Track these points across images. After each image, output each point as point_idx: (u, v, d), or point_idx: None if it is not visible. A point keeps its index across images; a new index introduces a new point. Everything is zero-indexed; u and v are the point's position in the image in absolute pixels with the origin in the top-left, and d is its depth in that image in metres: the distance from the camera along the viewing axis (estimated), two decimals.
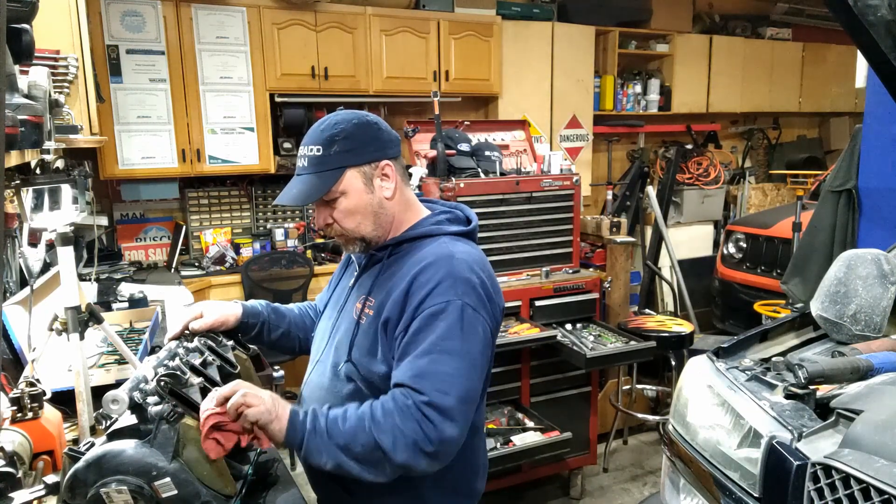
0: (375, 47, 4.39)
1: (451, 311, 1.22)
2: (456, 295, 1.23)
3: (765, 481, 1.44)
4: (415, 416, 1.16)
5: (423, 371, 1.19)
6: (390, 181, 1.34)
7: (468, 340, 1.22)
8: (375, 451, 1.16)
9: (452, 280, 1.24)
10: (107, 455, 1.13)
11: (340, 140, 1.29)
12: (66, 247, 1.73)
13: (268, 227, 4.59)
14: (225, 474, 1.21)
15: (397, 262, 1.34)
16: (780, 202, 6.03)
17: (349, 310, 1.40)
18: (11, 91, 1.31)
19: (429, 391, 1.17)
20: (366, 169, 1.31)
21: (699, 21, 6.10)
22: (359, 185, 1.31)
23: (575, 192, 3.22)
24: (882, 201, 2.80)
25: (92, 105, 2.65)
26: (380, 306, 1.31)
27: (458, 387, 1.19)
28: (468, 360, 1.22)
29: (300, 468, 1.50)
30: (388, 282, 1.32)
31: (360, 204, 1.32)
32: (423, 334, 1.21)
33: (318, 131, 1.32)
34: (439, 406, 1.17)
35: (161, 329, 2.62)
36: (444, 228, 1.37)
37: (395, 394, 1.20)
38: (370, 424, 1.16)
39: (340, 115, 1.34)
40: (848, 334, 1.89)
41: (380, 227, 1.35)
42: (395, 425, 1.16)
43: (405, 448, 1.15)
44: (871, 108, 2.87)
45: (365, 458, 1.17)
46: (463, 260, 1.28)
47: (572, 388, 3.25)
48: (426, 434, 1.15)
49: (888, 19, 1.87)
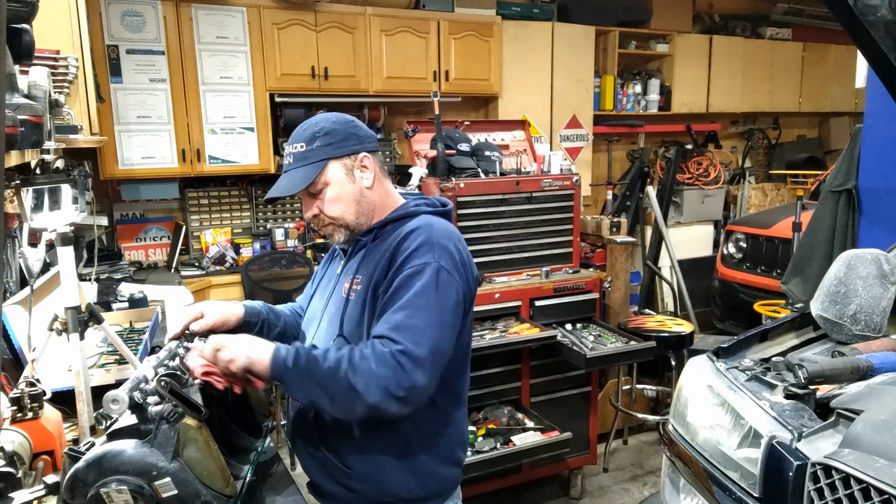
0: (375, 47, 4.39)
1: (428, 272, 1.33)
2: (433, 258, 1.34)
3: (765, 481, 1.44)
4: (389, 363, 1.24)
5: (399, 324, 1.28)
6: (369, 172, 1.46)
7: (441, 299, 1.33)
8: (350, 392, 1.24)
9: (430, 245, 1.36)
10: (107, 455, 1.13)
11: (321, 136, 1.42)
12: (66, 247, 1.73)
13: (268, 227, 4.60)
14: (225, 474, 1.21)
15: (381, 243, 1.45)
16: (780, 202, 6.03)
17: (338, 292, 1.49)
18: (11, 91, 1.31)
19: (403, 341, 1.26)
20: (346, 161, 1.44)
21: (699, 21, 6.10)
22: (341, 176, 1.43)
23: (575, 192, 3.22)
24: (882, 201, 2.80)
25: (92, 105, 2.65)
26: (367, 279, 1.41)
27: (431, 340, 1.29)
28: (441, 317, 1.32)
29: (300, 468, 1.50)
30: (373, 258, 1.43)
31: (343, 192, 1.43)
32: (401, 292, 1.32)
33: (300, 131, 1.46)
34: (413, 355, 1.25)
35: (161, 329, 2.62)
36: (422, 209, 1.50)
37: (373, 342, 1.29)
38: (347, 367, 1.25)
39: (321, 116, 1.48)
40: (848, 334, 1.89)
41: (362, 214, 1.46)
42: (370, 369, 1.24)
43: (378, 391, 1.24)
44: (871, 108, 2.87)
45: (339, 398, 1.26)
46: (442, 229, 1.42)
47: (572, 388, 3.24)
48: (398, 380, 1.24)
49: (888, 19, 1.87)
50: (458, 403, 1.52)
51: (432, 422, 1.45)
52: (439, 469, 1.47)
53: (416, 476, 1.44)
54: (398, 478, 1.42)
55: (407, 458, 1.42)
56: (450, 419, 1.48)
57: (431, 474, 1.46)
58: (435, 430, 1.45)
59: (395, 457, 1.41)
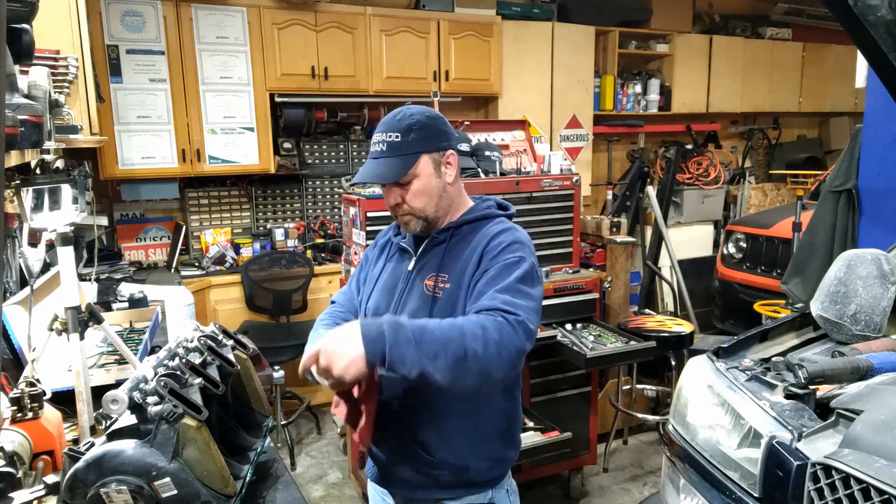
0: (375, 47, 4.39)
1: (525, 265, 1.40)
2: (526, 254, 1.43)
3: (765, 481, 1.44)
4: (505, 329, 1.26)
5: (510, 301, 1.32)
6: (453, 168, 1.52)
7: (537, 289, 1.41)
8: (467, 358, 1.22)
9: (521, 244, 1.45)
10: (107, 455, 1.13)
11: (417, 129, 1.46)
12: (66, 247, 1.73)
13: (268, 227, 4.59)
14: (225, 474, 1.21)
15: (461, 242, 1.51)
16: (780, 202, 6.03)
17: (416, 289, 1.51)
18: (11, 91, 1.31)
19: (519, 312, 1.30)
20: (436, 156, 1.48)
21: (699, 21, 6.10)
22: (429, 170, 1.47)
23: (575, 192, 3.22)
24: (882, 201, 2.80)
25: (92, 105, 2.65)
26: (458, 277, 1.45)
27: (532, 321, 1.34)
28: (537, 304, 1.39)
29: (300, 468, 1.50)
30: (458, 256, 1.48)
31: (429, 186, 1.48)
32: (502, 275, 1.38)
33: (395, 120, 1.47)
34: (526, 324, 1.30)
35: (161, 329, 2.62)
36: (495, 212, 1.57)
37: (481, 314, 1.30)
38: (462, 335, 1.23)
39: (414, 108, 1.50)
40: (848, 334, 1.89)
41: (440, 208, 1.52)
42: (486, 334, 1.24)
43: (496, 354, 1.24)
44: (871, 108, 2.87)
45: (454, 366, 1.21)
46: (523, 234, 1.51)
47: (572, 388, 3.24)
48: (516, 344, 1.27)
49: (888, 19, 1.87)
50: (519, 389, 1.61)
51: (504, 409, 1.54)
52: (506, 452, 1.56)
53: (490, 461, 1.52)
54: (475, 464, 1.49)
55: (484, 445, 1.50)
56: (515, 401, 1.58)
57: (501, 458, 1.54)
58: (506, 416, 1.55)
59: (475, 444, 1.49)
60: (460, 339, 1.22)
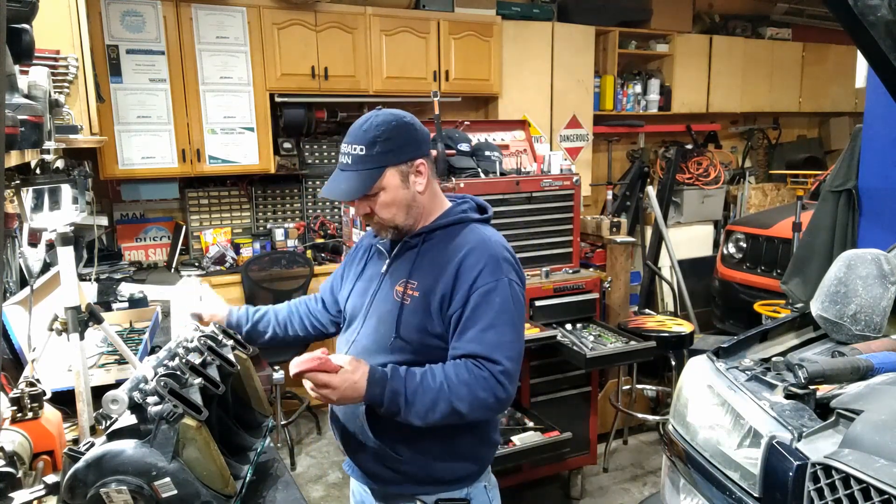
0: (375, 47, 4.39)
1: (501, 287, 1.42)
2: (502, 273, 1.43)
3: (765, 481, 1.44)
4: (490, 385, 1.36)
5: (493, 343, 1.38)
6: (423, 177, 1.49)
7: (517, 310, 1.44)
8: (452, 414, 1.36)
9: (495, 262, 1.44)
10: (107, 455, 1.13)
11: (382, 141, 1.42)
12: (66, 247, 1.73)
13: (268, 227, 4.59)
14: (225, 474, 1.21)
15: (433, 248, 1.50)
16: (780, 202, 6.03)
17: (386, 293, 1.53)
18: (11, 91, 1.31)
19: (502, 360, 1.37)
20: (403, 168, 1.45)
21: (699, 21, 6.10)
22: (396, 182, 1.45)
23: (575, 192, 3.22)
24: (882, 201, 2.80)
25: (92, 105, 2.65)
26: (428, 288, 1.45)
27: (517, 351, 1.42)
28: (519, 327, 1.45)
29: (300, 468, 1.51)
30: (430, 265, 1.47)
31: (397, 198, 1.46)
32: (481, 309, 1.40)
33: (360, 131, 1.44)
34: (510, 372, 1.38)
35: (161, 329, 2.62)
36: (469, 216, 1.54)
37: (468, 365, 1.38)
38: (449, 395, 1.35)
39: (381, 117, 1.45)
40: (848, 334, 1.89)
41: (411, 217, 1.50)
42: (473, 395, 1.35)
43: (480, 409, 1.38)
44: (871, 108, 2.87)
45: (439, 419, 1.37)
46: (496, 242, 1.49)
47: (572, 388, 3.24)
48: (498, 398, 1.37)
49: (888, 19, 1.87)
50: None
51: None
52: (478, 451, 1.57)
53: (460, 459, 1.53)
54: (444, 464, 1.51)
55: (452, 444, 1.51)
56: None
57: (472, 456, 1.55)
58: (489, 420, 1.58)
59: (442, 443, 1.49)
60: (447, 401, 1.35)
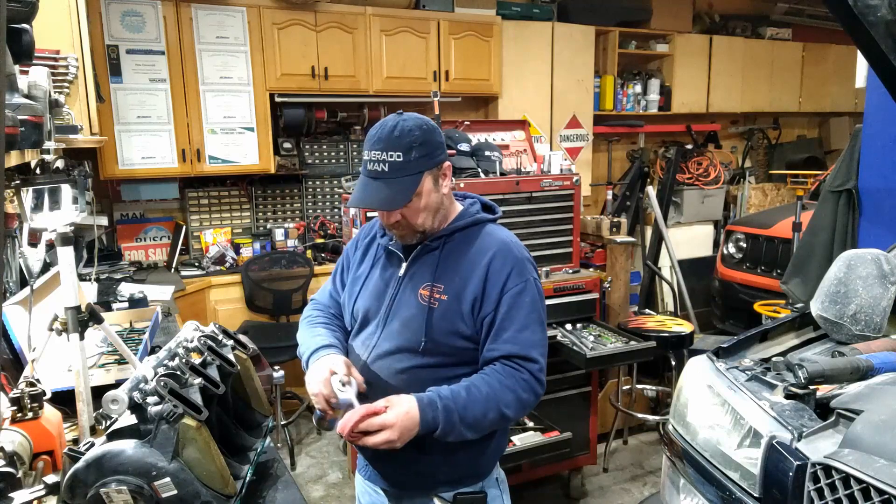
0: (375, 47, 4.39)
1: (529, 288, 1.47)
2: (528, 273, 1.49)
3: (765, 481, 1.44)
4: (531, 385, 1.43)
5: (528, 342, 1.44)
6: (447, 179, 1.50)
7: (543, 307, 1.51)
8: (502, 420, 1.42)
9: (521, 263, 1.49)
10: (107, 455, 1.13)
11: (417, 146, 1.40)
12: (66, 247, 1.73)
13: (268, 227, 4.59)
14: (225, 474, 1.21)
15: (455, 251, 1.51)
16: (780, 202, 6.03)
17: (408, 297, 1.50)
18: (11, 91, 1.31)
19: (538, 358, 1.45)
20: (435, 171, 1.46)
21: (699, 21, 6.10)
22: (430, 187, 1.45)
23: (575, 192, 3.22)
24: (882, 201, 2.80)
25: (92, 105, 2.65)
26: (457, 291, 1.46)
27: (546, 346, 1.50)
28: (545, 322, 1.51)
29: (300, 468, 1.51)
30: (455, 268, 1.48)
31: (430, 203, 1.46)
32: (514, 311, 1.45)
33: (393, 137, 1.39)
34: (545, 368, 1.46)
35: (161, 329, 2.62)
36: (482, 217, 1.57)
37: (506, 369, 1.43)
38: (497, 403, 1.40)
39: (411, 122, 1.42)
40: (848, 334, 1.89)
41: (437, 220, 1.51)
42: (518, 398, 1.42)
43: (524, 410, 1.45)
44: (871, 108, 2.87)
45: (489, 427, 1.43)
46: (516, 244, 1.54)
47: (572, 388, 3.24)
48: (537, 394, 1.45)
49: (888, 19, 1.87)
50: None
51: None
52: (498, 443, 1.59)
53: (481, 454, 1.54)
54: (465, 458, 1.51)
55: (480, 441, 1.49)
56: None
57: (493, 448, 1.57)
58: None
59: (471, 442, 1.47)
60: (496, 409, 1.40)
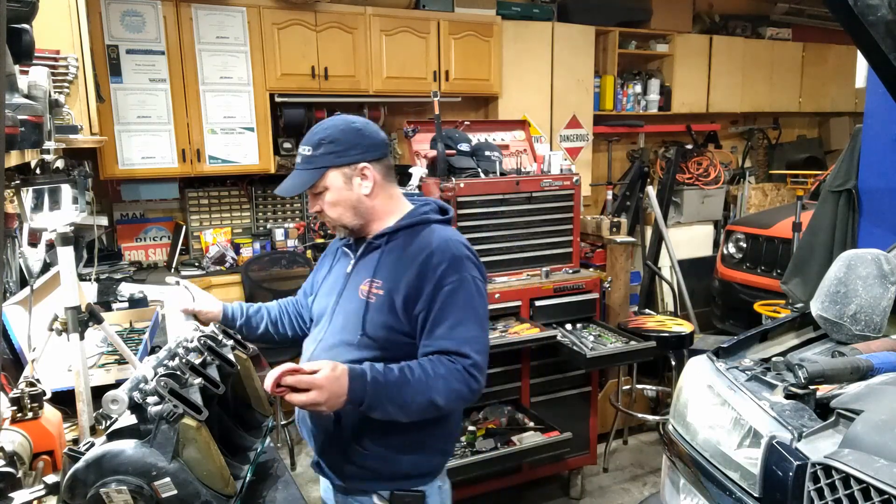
0: (375, 47, 4.39)
1: (465, 285, 1.48)
2: (466, 270, 1.50)
3: (765, 481, 1.44)
4: (464, 378, 1.43)
5: (462, 338, 1.45)
6: (369, 181, 1.54)
7: (481, 304, 1.52)
8: (430, 406, 1.42)
9: (458, 260, 1.50)
10: (106, 455, 1.13)
11: (326, 143, 1.51)
12: (66, 247, 1.73)
13: (268, 227, 4.59)
14: (225, 474, 1.21)
15: (397, 249, 1.54)
16: (780, 202, 6.03)
17: (351, 292, 1.57)
18: (11, 91, 1.31)
19: (472, 354, 1.45)
20: (345, 170, 1.52)
21: (699, 21, 6.10)
22: (339, 183, 1.52)
23: (575, 192, 3.22)
24: (882, 201, 2.80)
25: (92, 105, 2.65)
26: (392, 286, 1.50)
27: (484, 343, 1.50)
28: (484, 322, 1.53)
29: (300, 468, 1.51)
30: (394, 265, 1.52)
31: (341, 199, 1.53)
32: (449, 307, 1.46)
33: (311, 134, 1.55)
34: (479, 364, 1.46)
35: (161, 329, 2.62)
36: (430, 217, 1.60)
37: (441, 359, 1.43)
38: (427, 388, 1.40)
39: (331, 121, 1.57)
40: (848, 334, 1.89)
41: (359, 217, 1.57)
42: (449, 387, 1.42)
43: (456, 401, 1.45)
44: (871, 108, 2.87)
45: (417, 411, 1.43)
46: (457, 242, 1.54)
47: (572, 388, 3.24)
48: (471, 388, 1.45)
49: (888, 19, 1.87)
50: None
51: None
52: (445, 446, 1.61)
53: (426, 454, 1.56)
54: (410, 457, 1.54)
55: (420, 439, 1.54)
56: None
57: (439, 451, 1.60)
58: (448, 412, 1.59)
59: (411, 439, 1.52)
60: (425, 393, 1.40)
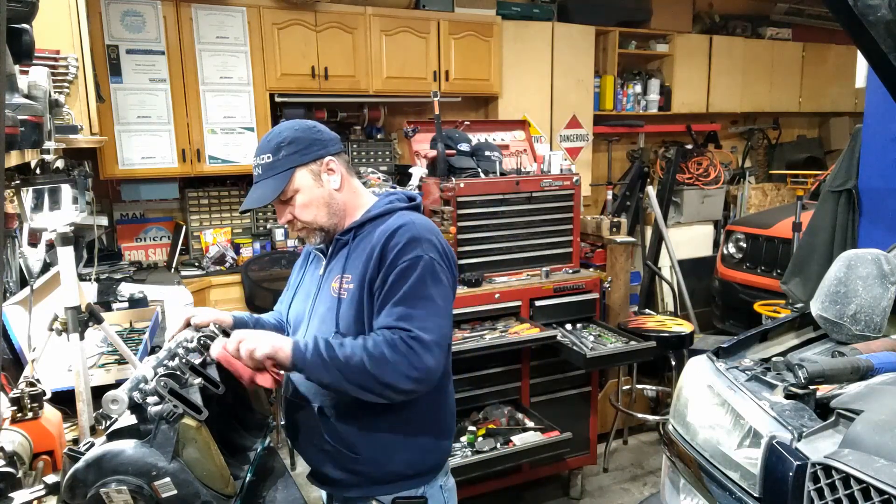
0: (375, 47, 4.39)
1: (421, 265, 1.41)
2: (423, 251, 1.42)
3: (765, 481, 1.44)
4: (401, 349, 1.34)
5: (403, 314, 1.38)
6: (336, 174, 1.52)
7: (437, 288, 1.42)
8: (367, 376, 1.33)
9: (418, 240, 1.44)
10: (106, 455, 1.13)
11: (286, 145, 1.47)
12: (66, 247, 1.73)
13: (268, 227, 4.59)
14: (225, 474, 1.21)
15: (363, 241, 1.51)
16: (780, 202, 6.03)
17: (325, 292, 1.54)
18: (11, 91, 1.31)
19: (412, 328, 1.36)
20: (312, 167, 1.49)
21: (699, 21, 6.10)
22: (309, 182, 1.49)
23: (575, 192, 3.22)
24: (882, 201, 2.80)
25: (92, 105, 2.65)
26: (360, 277, 1.46)
27: (436, 326, 1.39)
28: (439, 304, 1.42)
29: (300, 468, 1.51)
30: (361, 256, 1.48)
31: (313, 197, 1.49)
32: (398, 285, 1.40)
33: (265, 142, 1.50)
34: (422, 340, 1.35)
35: (161, 329, 2.62)
36: (397, 205, 1.56)
37: (383, 332, 1.37)
38: (362, 354, 1.34)
39: (282, 126, 1.52)
40: (848, 334, 1.88)
41: (334, 215, 1.53)
42: (383, 355, 1.33)
43: (393, 374, 1.34)
44: (871, 108, 2.87)
45: (357, 381, 1.34)
46: (423, 224, 1.49)
47: (572, 388, 3.24)
48: (411, 362, 1.34)
49: (888, 19, 1.87)
50: (449, 378, 1.62)
51: (434, 400, 1.54)
52: (439, 442, 1.57)
53: (419, 452, 1.53)
54: (402, 456, 1.50)
55: (411, 437, 1.51)
56: (444, 393, 1.59)
57: (433, 448, 1.56)
58: (434, 406, 1.55)
59: (400, 437, 1.49)
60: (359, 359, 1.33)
